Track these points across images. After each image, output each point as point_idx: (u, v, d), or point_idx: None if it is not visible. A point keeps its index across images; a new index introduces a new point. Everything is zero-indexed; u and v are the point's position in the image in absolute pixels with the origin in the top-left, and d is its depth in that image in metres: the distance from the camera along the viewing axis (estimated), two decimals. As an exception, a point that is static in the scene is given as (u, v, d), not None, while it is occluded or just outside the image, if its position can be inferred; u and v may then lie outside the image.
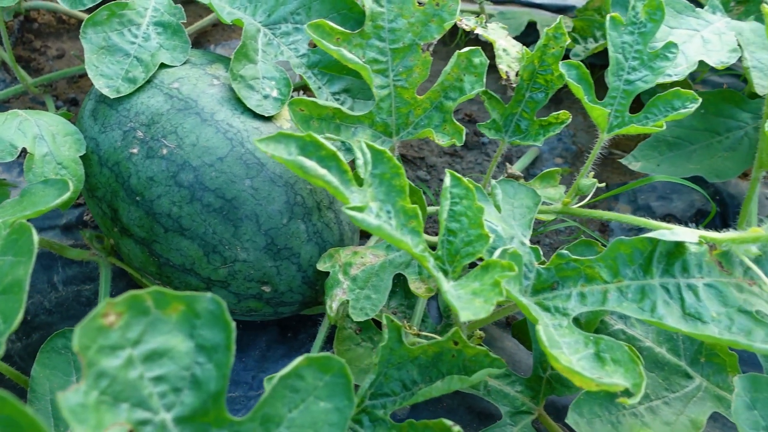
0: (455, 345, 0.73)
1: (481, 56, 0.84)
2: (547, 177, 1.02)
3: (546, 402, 0.87)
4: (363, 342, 0.89)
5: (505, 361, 0.98)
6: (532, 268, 0.77)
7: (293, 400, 0.56)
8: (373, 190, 0.67)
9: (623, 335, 0.83)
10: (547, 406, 0.88)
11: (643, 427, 0.77)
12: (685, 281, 0.72)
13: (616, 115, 0.82)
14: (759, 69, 0.91)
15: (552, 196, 1.00)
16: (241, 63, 0.87)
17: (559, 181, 1.03)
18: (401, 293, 0.96)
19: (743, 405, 0.71)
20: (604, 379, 0.60)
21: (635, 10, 0.82)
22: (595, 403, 0.78)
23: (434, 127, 0.85)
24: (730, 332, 0.68)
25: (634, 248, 0.73)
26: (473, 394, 0.88)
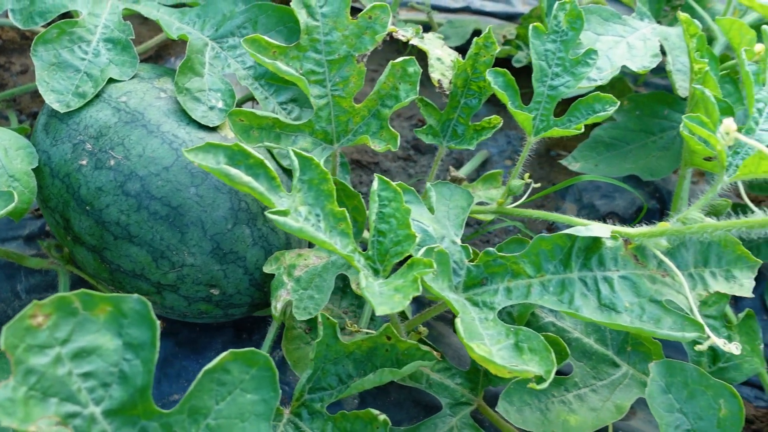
0: (388, 340, 0.78)
1: (414, 65, 0.88)
2: (490, 179, 1.07)
3: (485, 393, 0.91)
4: (312, 341, 0.93)
5: (451, 356, 1.02)
6: (462, 266, 0.82)
7: (220, 393, 0.60)
8: (302, 195, 0.71)
9: (553, 327, 0.87)
10: (488, 397, 0.92)
11: (570, 413, 0.82)
12: (601, 274, 0.77)
13: (541, 118, 0.87)
14: (682, 72, 0.96)
15: (494, 196, 1.05)
16: (187, 76, 0.91)
17: (501, 182, 1.07)
18: (351, 294, 1.00)
19: (658, 389, 0.75)
20: (516, 367, 0.65)
21: (557, 19, 0.86)
22: (525, 391, 0.82)
23: (372, 133, 0.90)
24: (641, 321, 0.73)
25: (554, 244, 0.78)
26: (420, 388, 0.92)
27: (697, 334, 0.70)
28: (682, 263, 0.78)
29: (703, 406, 0.75)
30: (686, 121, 0.68)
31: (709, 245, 0.79)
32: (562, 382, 0.84)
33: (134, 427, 0.56)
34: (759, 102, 0.75)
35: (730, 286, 0.78)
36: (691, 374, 0.76)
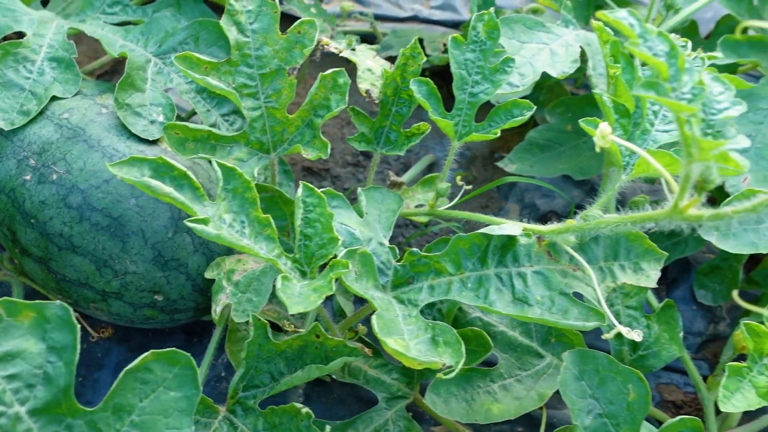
0: (317, 338, 0.82)
1: (344, 77, 0.93)
2: (428, 182, 1.11)
3: (422, 386, 0.95)
4: (256, 342, 0.97)
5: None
6: (390, 266, 0.86)
7: (144, 391, 0.64)
8: (226, 203, 0.75)
9: (480, 321, 0.92)
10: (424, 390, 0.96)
11: (494, 402, 0.86)
12: (516, 270, 0.81)
13: (464, 124, 0.92)
14: (602, 75, 1.01)
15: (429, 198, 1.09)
16: (127, 92, 0.95)
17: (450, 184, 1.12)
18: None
19: (571, 377, 0.80)
20: (425, 359, 0.69)
21: (476, 30, 0.91)
22: (452, 383, 0.87)
23: (306, 142, 0.94)
24: (550, 312, 0.78)
25: (472, 243, 0.82)
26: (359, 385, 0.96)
27: (599, 323, 0.75)
28: (592, 257, 0.83)
29: (613, 391, 0.80)
30: (582, 124, 0.73)
31: (618, 240, 0.84)
32: (488, 373, 0.89)
33: (60, 425, 0.60)
34: (654, 104, 0.80)
35: (637, 278, 0.82)
36: (602, 362, 0.80)
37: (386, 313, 0.77)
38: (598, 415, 0.79)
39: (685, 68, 0.54)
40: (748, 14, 1.16)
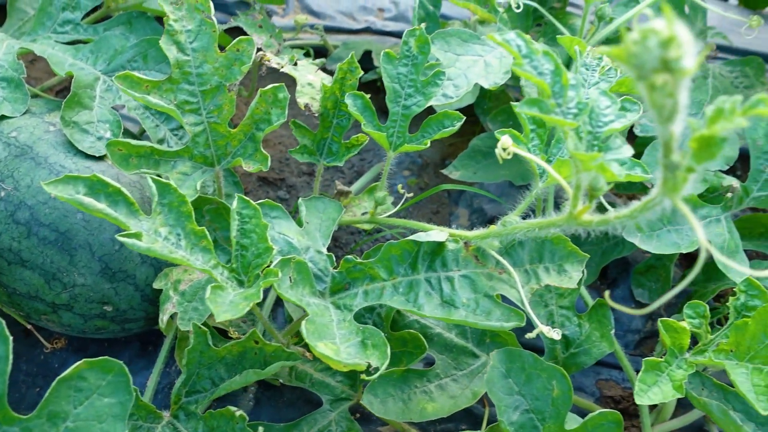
0: (256, 344, 0.85)
1: (284, 91, 0.96)
2: (374, 190, 1.15)
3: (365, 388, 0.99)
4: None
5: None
6: (327, 273, 0.90)
7: (78, 398, 0.67)
8: (162, 217, 0.79)
9: (417, 324, 0.96)
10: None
11: (430, 401, 0.90)
12: (444, 274, 0.85)
13: (398, 135, 0.96)
14: (531, 86, 1.05)
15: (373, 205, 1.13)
16: (74, 110, 0.98)
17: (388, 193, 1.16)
18: (250, 303, 1.07)
19: (499, 375, 0.84)
20: (350, 361, 0.73)
21: (408, 44, 0.95)
22: (389, 384, 0.90)
23: (248, 156, 0.98)
24: (474, 314, 0.82)
25: (403, 249, 0.86)
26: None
27: (518, 323, 0.79)
28: (518, 260, 0.87)
29: (539, 387, 0.84)
30: (497, 134, 0.77)
31: (543, 243, 0.88)
32: (425, 373, 0.93)
33: (-5, 432, 0.63)
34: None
35: (560, 279, 0.87)
36: (528, 360, 0.85)
37: (320, 319, 0.81)
38: (525, 410, 0.83)
39: (570, 85, 0.58)
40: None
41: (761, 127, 1.03)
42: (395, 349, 0.94)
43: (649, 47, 0.39)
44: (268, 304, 1.08)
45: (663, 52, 0.39)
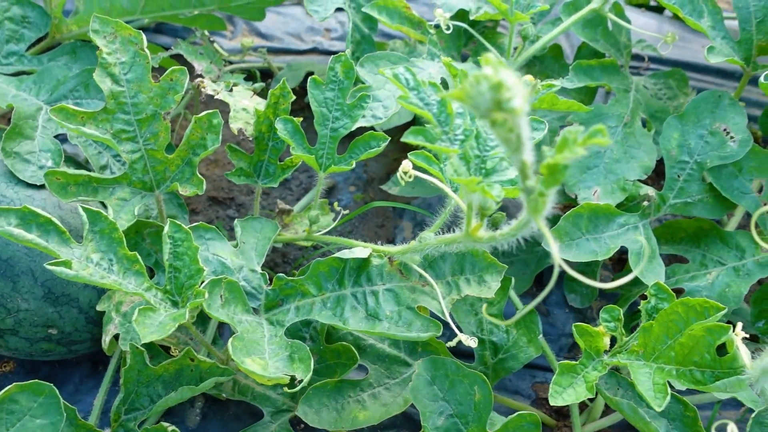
0: (192, 361, 0.89)
1: (218, 117, 1.01)
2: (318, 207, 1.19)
3: (306, 399, 1.03)
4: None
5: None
6: (261, 290, 0.94)
7: (10, 420, 0.71)
8: (94, 243, 0.82)
9: (351, 336, 1.00)
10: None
11: (363, 410, 0.94)
12: (369, 288, 0.90)
13: (327, 156, 1.00)
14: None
15: (322, 224, 1.17)
16: (15, 141, 1.02)
17: (328, 210, 1.20)
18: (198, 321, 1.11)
19: (424, 382, 0.89)
20: (273, 375, 0.77)
21: (334, 70, 1.00)
22: (324, 395, 0.95)
23: (186, 180, 1.02)
24: (397, 326, 0.86)
25: (330, 266, 0.91)
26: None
27: (435, 333, 0.84)
28: (440, 273, 0.92)
29: (462, 393, 0.88)
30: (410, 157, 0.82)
31: (464, 256, 0.93)
32: (359, 383, 0.97)
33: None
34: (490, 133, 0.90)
35: (480, 290, 0.91)
36: (451, 367, 0.89)
37: (250, 335, 0.85)
38: (449, 415, 0.88)
39: (456, 113, 0.63)
40: (603, 39, 1.27)
41: (674, 138, 1.09)
42: (330, 361, 0.99)
43: (482, 91, 0.44)
44: (214, 321, 1.12)
45: (494, 94, 0.44)
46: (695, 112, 1.10)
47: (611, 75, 1.22)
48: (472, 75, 0.44)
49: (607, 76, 1.22)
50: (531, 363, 1.08)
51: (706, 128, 1.09)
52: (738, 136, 1.07)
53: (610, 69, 1.22)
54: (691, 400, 1.07)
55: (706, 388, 0.78)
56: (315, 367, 0.99)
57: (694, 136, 1.09)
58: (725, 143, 1.07)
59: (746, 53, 1.14)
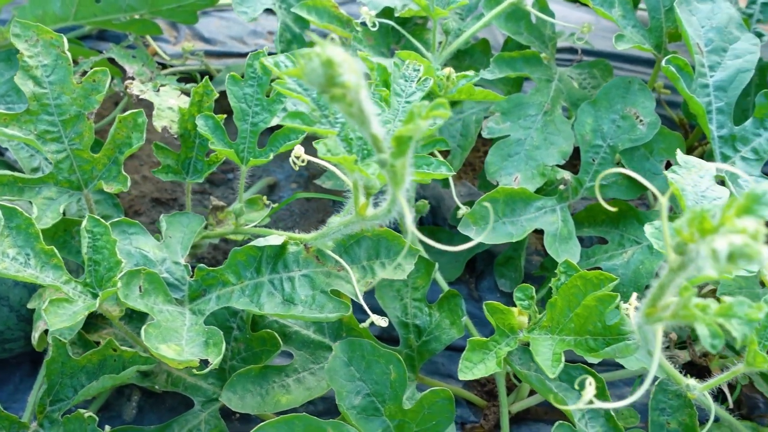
0: (114, 351, 0.92)
1: (142, 116, 1.03)
2: (252, 202, 1.22)
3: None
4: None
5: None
6: (184, 282, 0.97)
7: None
8: (11, 239, 0.85)
9: (276, 324, 1.03)
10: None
11: (286, 394, 0.97)
12: (286, 275, 0.93)
13: (248, 150, 1.04)
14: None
15: (255, 218, 1.20)
16: (-57, 145, 1.04)
17: (263, 205, 1.23)
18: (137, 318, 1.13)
19: (341, 363, 0.92)
20: (182, 358, 0.80)
21: (253, 66, 1.03)
22: (248, 381, 0.97)
23: (112, 178, 1.04)
24: (310, 309, 0.89)
25: (247, 255, 0.94)
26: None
27: (344, 313, 0.87)
28: (355, 258, 0.95)
29: (378, 373, 0.91)
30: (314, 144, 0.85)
31: (379, 241, 0.96)
32: (284, 369, 1.00)
33: None
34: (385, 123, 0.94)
35: (395, 272, 0.95)
36: (367, 348, 0.92)
37: (170, 323, 0.88)
38: (366, 394, 0.91)
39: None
40: (527, 32, 1.31)
41: (588, 124, 1.13)
42: (256, 348, 1.01)
43: (314, 67, 0.47)
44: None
45: (326, 70, 0.47)
46: (607, 98, 1.14)
47: (533, 66, 1.26)
48: (305, 52, 0.47)
49: (529, 67, 1.26)
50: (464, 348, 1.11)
51: (618, 113, 1.13)
52: (647, 119, 1.11)
53: (533, 60, 1.27)
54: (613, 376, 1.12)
55: (597, 355, 0.82)
56: (242, 355, 1.03)
57: (606, 121, 1.13)
58: (635, 127, 1.11)
59: (657, 41, 1.19)
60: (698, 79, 1.08)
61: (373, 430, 0.90)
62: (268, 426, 0.79)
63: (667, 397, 0.91)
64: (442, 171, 0.87)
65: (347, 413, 0.89)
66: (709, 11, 1.11)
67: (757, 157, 1.05)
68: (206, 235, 1.13)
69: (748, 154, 1.06)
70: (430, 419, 0.91)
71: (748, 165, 1.05)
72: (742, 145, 1.06)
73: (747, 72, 1.07)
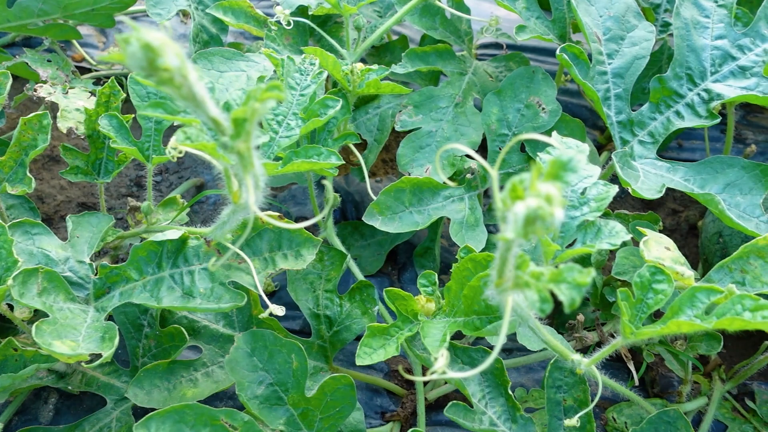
0: (15, 351, 0.92)
1: (47, 118, 1.04)
2: (169, 202, 1.23)
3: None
4: None
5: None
6: (89, 280, 0.97)
7: None
8: None
9: (185, 319, 1.04)
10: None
11: (194, 387, 0.98)
12: (186, 269, 0.94)
13: (153, 148, 1.04)
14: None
15: (172, 217, 1.21)
16: None
17: (180, 204, 1.24)
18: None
19: (243, 354, 0.93)
20: (75, 353, 0.80)
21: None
22: (156, 376, 0.98)
23: (18, 180, 1.05)
24: (209, 301, 0.90)
25: (148, 251, 0.95)
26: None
27: (238, 303, 0.88)
28: (257, 250, 0.97)
29: (280, 362, 0.93)
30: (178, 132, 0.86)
31: (281, 233, 0.97)
32: (192, 363, 1.00)
33: None
34: (278, 115, 0.95)
35: (296, 263, 0.96)
36: (270, 338, 0.93)
37: (68, 321, 0.88)
38: (269, 384, 0.92)
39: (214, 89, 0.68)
40: (442, 27, 1.33)
41: (493, 113, 1.16)
42: (166, 345, 1.02)
43: (134, 52, 0.48)
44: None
45: (146, 54, 0.48)
46: (512, 87, 1.17)
47: (446, 60, 1.29)
48: (123, 37, 0.48)
49: (441, 61, 1.28)
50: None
51: (522, 102, 1.16)
52: (549, 107, 1.14)
53: (445, 54, 1.29)
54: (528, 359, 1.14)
55: (481, 333, 0.83)
56: (153, 352, 1.03)
57: (511, 110, 1.16)
58: (538, 115, 1.14)
59: (561, 31, 1.22)
60: (596, 67, 1.11)
61: (277, 419, 0.91)
62: (157, 416, 0.79)
63: (562, 375, 0.93)
64: (332, 160, 0.89)
65: (249, 403, 0.90)
66: (608, 1, 1.14)
67: (653, 140, 1.08)
68: (121, 236, 1.14)
69: (645, 138, 1.09)
70: (333, 406, 0.92)
71: (645, 148, 1.08)
72: (639, 129, 1.09)
73: (643, 59, 1.11)
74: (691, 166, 1.05)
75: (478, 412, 0.91)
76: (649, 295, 0.80)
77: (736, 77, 1.06)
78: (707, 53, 1.08)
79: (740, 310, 0.73)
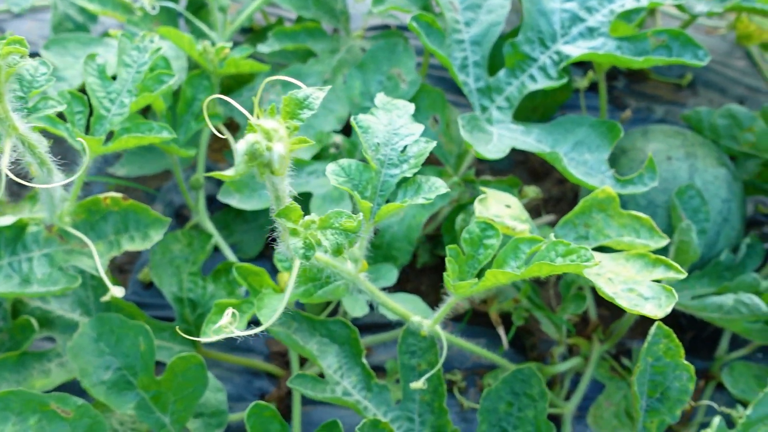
0: None
1: None
2: (31, 198, 1.20)
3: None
4: None
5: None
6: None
7: None
8: None
9: (39, 310, 1.01)
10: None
11: (45, 378, 0.95)
12: (25, 256, 0.91)
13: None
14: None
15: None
16: None
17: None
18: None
19: (89, 340, 0.91)
20: None
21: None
22: (5, 369, 0.95)
23: None
24: (45, 286, 0.88)
25: (-14, 239, 0.92)
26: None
27: (74, 285, 0.86)
28: (102, 233, 0.94)
29: (128, 345, 0.91)
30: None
31: (127, 215, 0.95)
32: (45, 354, 0.98)
33: None
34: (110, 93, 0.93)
35: (143, 244, 0.94)
36: (116, 322, 0.92)
37: None
38: (117, 369, 0.90)
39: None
40: (315, 8, 1.32)
41: (356, 87, 1.16)
42: (18, 337, 0.99)
43: None
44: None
45: None
46: (374, 60, 1.16)
47: (316, 38, 1.28)
48: None
49: (311, 39, 1.27)
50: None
51: (384, 74, 1.15)
52: (408, 78, 1.14)
53: (315, 33, 1.28)
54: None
55: (312, 299, 0.83)
56: (6, 345, 1.00)
57: (374, 83, 1.15)
58: (399, 86, 1.14)
59: (424, 3, 1.22)
60: (453, 35, 1.11)
61: (126, 404, 0.89)
62: (-24, 404, 0.77)
63: (416, 340, 0.93)
64: (164, 135, 0.87)
65: (93, 390, 0.88)
66: (465, -30, 1.15)
67: (509, 105, 1.09)
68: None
69: (502, 103, 1.09)
70: (185, 386, 0.91)
71: (502, 113, 1.09)
72: (497, 95, 1.10)
73: (498, 25, 1.11)
74: (543, 127, 1.06)
75: (330, 383, 0.90)
76: (479, 251, 0.80)
77: (585, 38, 1.07)
78: (557, 16, 1.09)
79: (554, 256, 0.73)
